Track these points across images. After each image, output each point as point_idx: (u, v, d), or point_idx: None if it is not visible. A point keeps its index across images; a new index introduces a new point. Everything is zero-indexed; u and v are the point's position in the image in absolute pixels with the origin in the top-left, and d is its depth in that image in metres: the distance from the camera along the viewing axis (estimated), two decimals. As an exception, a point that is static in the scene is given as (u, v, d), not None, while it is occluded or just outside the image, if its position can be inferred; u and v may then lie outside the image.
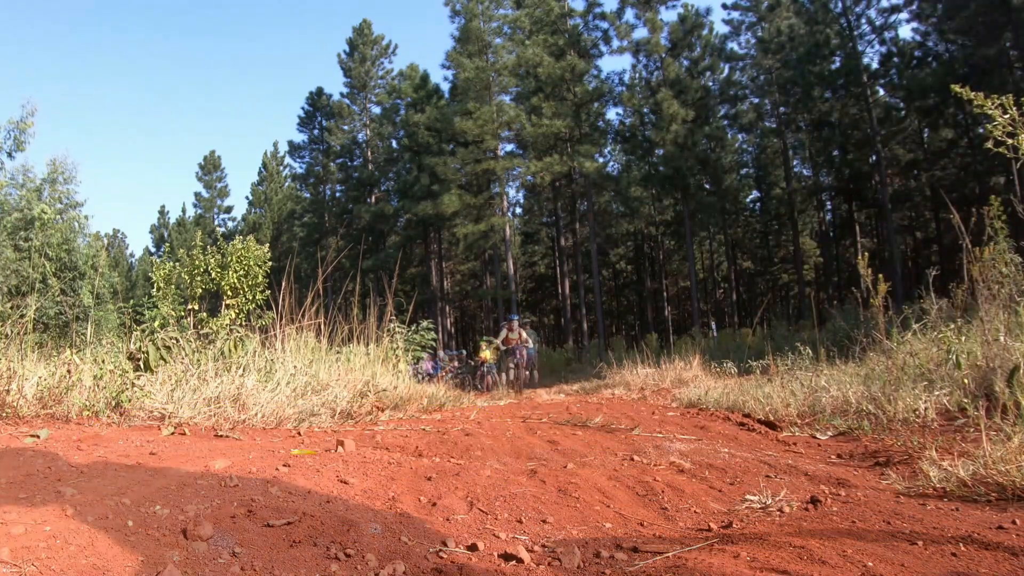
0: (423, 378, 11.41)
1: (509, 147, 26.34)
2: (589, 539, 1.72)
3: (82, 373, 3.18)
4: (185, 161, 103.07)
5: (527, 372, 11.16)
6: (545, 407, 5.92)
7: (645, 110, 25.09)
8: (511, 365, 11.17)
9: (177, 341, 3.67)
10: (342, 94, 32.59)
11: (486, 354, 15.23)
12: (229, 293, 6.07)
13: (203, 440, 2.86)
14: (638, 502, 2.13)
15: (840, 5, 22.66)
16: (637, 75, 25.93)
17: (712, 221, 27.62)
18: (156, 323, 4.96)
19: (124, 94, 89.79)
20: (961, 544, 1.45)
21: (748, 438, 3.49)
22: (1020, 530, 1.53)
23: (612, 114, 51.11)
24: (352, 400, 4.40)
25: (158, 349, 3.51)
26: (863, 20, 22.56)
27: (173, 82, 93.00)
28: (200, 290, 6.18)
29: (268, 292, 6.20)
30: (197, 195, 44.03)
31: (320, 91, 33.43)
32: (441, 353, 17.31)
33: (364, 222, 29.32)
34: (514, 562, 1.50)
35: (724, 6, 26.81)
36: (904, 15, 22.08)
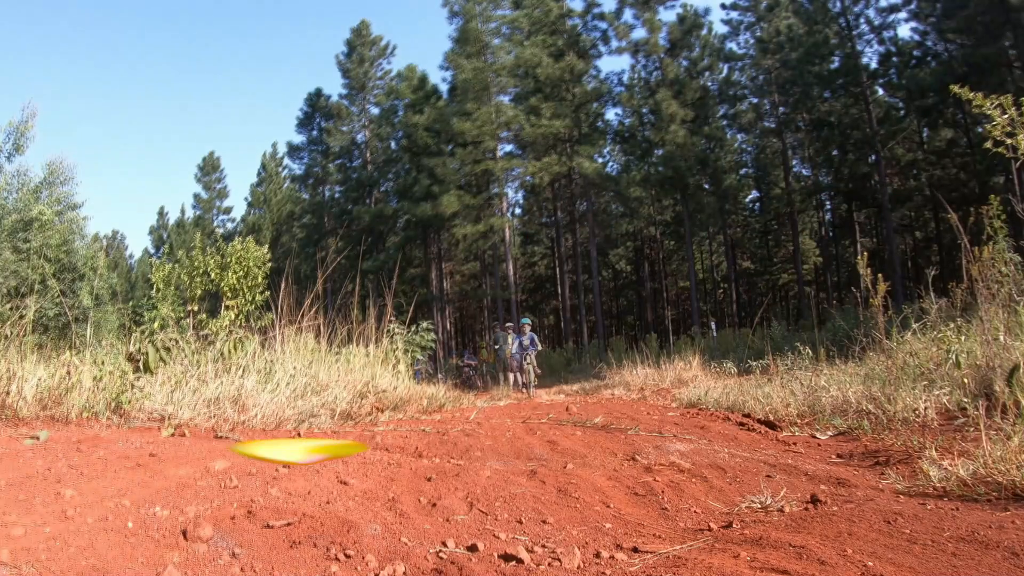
0: (421, 378, 11.41)
1: (508, 148, 26.34)
2: (589, 539, 1.72)
3: (82, 374, 3.18)
4: (184, 162, 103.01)
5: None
6: (545, 407, 5.92)
7: (644, 110, 25.11)
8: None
9: (177, 342, 3.67)
10: (341, 95, 32.55)
11: (485, 355, 15.30)
12: (229, 294, 6.06)
13: (203, 441, 2.86)
14: (638, 502, 2.13)
15: (839, 5, 22.68)
16: (636, 75, 25.95)
17: (712, 221, 27.61)
18: (156, 324, 4.95)
19: (123, 95, 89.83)
20: (961, 544, 1.45)
21: (748, 438, 3.49)
22: (1020, 530, 1.52)
23: (611, 114, 51.16)
24: (352, 401, 4.40)
25: (158, 350, 3.51)
26: (862, 20, 22.58)
27: (173, 82, 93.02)
28: (199, 291, 6.18)
29: (268, 293, 6.19)
30: (196, 196, 43.97)
31: (319, 92, 33.37)
32: (462, 358, 17.49)
33: (363, 223, 29.29)
34: (514, 562, 1.50)
35: (723, 6, 26.82)
36: (903, 15, 22.12)
